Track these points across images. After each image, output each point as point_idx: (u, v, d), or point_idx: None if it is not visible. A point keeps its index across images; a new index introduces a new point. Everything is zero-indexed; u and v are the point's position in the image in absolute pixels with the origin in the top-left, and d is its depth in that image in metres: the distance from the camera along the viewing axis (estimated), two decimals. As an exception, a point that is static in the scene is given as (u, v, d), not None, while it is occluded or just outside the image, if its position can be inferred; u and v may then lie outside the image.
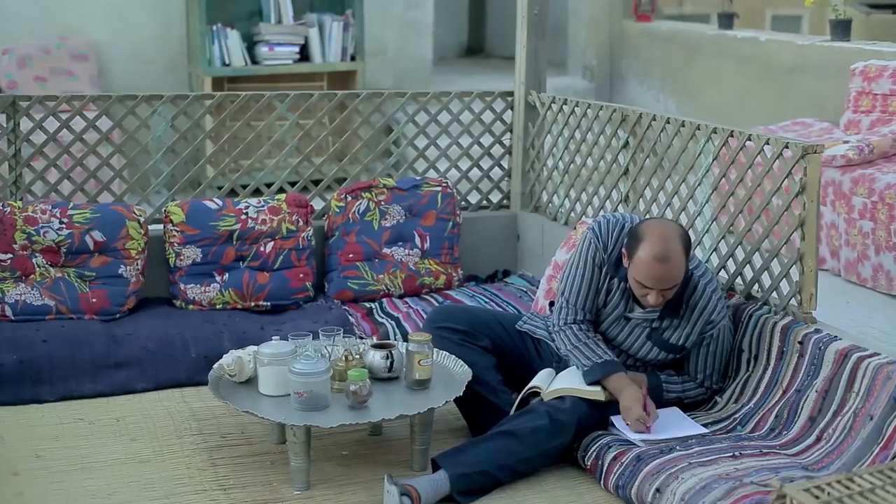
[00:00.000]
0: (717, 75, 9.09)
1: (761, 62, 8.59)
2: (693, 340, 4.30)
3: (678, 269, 4.05)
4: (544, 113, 6.01)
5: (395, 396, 4.20)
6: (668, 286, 4.07)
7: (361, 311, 5.50)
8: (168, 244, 5.45)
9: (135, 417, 4.66)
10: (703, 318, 4.26)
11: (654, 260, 4.01)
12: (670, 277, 4.04)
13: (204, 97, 5.70)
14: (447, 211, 5.87)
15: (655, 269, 4.02)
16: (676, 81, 9.57)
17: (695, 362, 4.38)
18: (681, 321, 4.27)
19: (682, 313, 4.26)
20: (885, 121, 6.95)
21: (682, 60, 9.52)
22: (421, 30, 9.44)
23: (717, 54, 9.13)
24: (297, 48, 8.52)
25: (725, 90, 8.97)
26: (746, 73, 8.74)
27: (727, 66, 8.97)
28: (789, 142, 4.25)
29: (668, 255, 4.01)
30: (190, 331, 5.11)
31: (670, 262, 4.02)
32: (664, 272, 4.03)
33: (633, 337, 4.35)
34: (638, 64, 10.05)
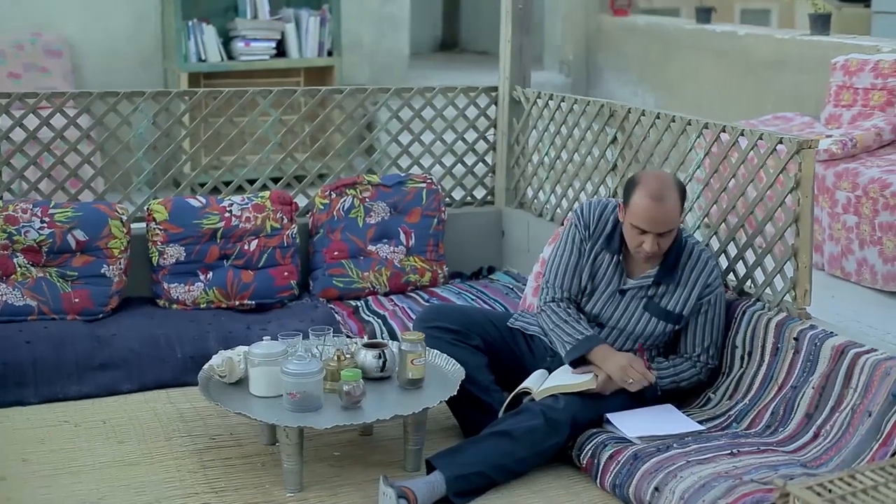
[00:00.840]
0: (695, 70, 9.07)
1: (740, 56, 8.58)
2: (691, 307, 4.27)
3: (673, 211, 4.07)
4: (529, 108, 5.96)
5: (388, 396, 4.15)
6: (663, 229, 4.07)
7: (347, 310, 5.45)
8: (151, 243, 5.38)
9: (121, 419, 4.59)
10: (700, 281, 4.26)
11: (650, 200, 4.04)
12: (666, 219, 4.06)
13: (185, 93, 5.63)
14: (432, 207, 5.82)
15: (651, 209, 4.04)
16: (654, 76, 9.55)
17: (692, 334, 4.33)
18: (677, 286, 4.26)
19: (677, 278, 4.26)
20: (866, 115, 6.94)
21: (659, 55, 9.50)
22: (397, 24, 9.38)
23: (695, 49, 9.11)
24: (274, 43, 8.44)
25: (704, 84, 8.96)
26: (725, 68, 8.73)
27: (705, 61, 8.96)
28: (783, 137, 4.22)
29: (663, 196, 4.05)
30: (175, 331, 5.04)
31: (666, 202, 4.04)
32: (659, 212, 4.04)
33: (630, 311, 4.33)
34: (615, 59, 10.03)
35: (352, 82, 8.72)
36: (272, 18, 8.42)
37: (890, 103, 6.86)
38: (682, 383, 4.37)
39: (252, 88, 5.72)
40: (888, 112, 6.83)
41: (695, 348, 4.36)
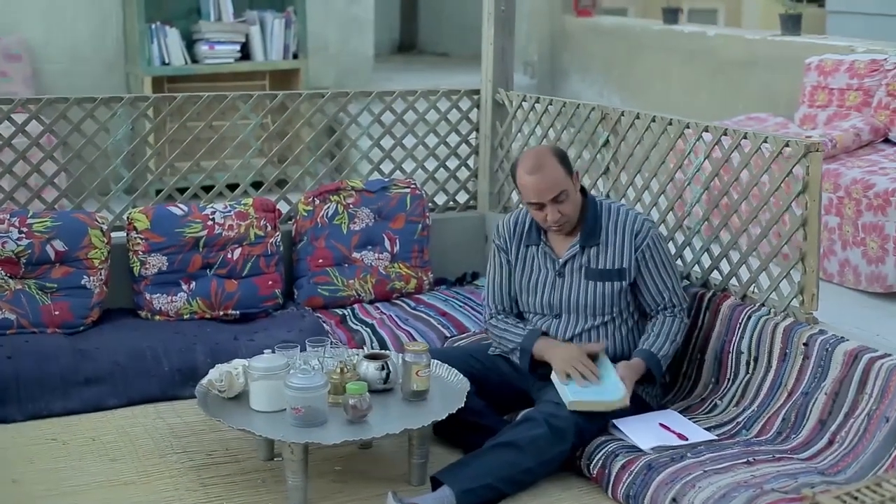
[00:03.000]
0: (662, 70, 9.05)
1: (709, 57, 8.56)
2: (629, 259, 4.27)
3: (555, 175, 4.17)
4: (514, 111, 5.87)
5: (392, 409, 4.05)
6: (551, 195, 4.17)
7: (335, 319, 5.33)
8: (132, 252, 5.23)
9: (110, 436, 4.44)
10: (627, 232, 4.29)
11: (528, 175, 4.19)
12: (550, 185, 4.16)
13: (165, 98, 5.47)
14: (416, 213, 5.72)
15: (533, 181, 4.18)
16: (620, 77, 9.52)
17: (650, 287, 4.30)
18: (606, 245, 4.30)
19: (601, 237, 4.30)
20: (842, 115, 6.95)
21: (625, 55, 9.47)
22: (362, 26, 9.28)
23: (662, 49, 9.09)
24: (238, 46, 8.32)
25: (672, 85, 8.94)
26: (694, 68, 8.71)
27: (673, 61, 8.94)
28: (790, 140, 4.17)
29: (540, 165, 4.18)
30: (160, 343, 4.90)
31: (544, 169, 4.17)
32: (541, 181, 4.16)
33: (575, 287, 4.34)
34: (580, 59, 9.99)
35: (317, 85, 8.60)
36: (236, 21, 8.30)
37: (866, 103, 6.86)
38: (676, 338, 4.30)
39: (232, 93, 5.58)
40: (864, 112, 6.84)
41: (661, 298, 4.32)
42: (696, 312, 4.56)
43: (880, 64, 6.86)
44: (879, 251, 5.79)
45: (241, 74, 8.30)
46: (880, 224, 5.77)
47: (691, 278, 4.73)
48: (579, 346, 4.28)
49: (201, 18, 8.23)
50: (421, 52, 12.35)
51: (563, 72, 10.17)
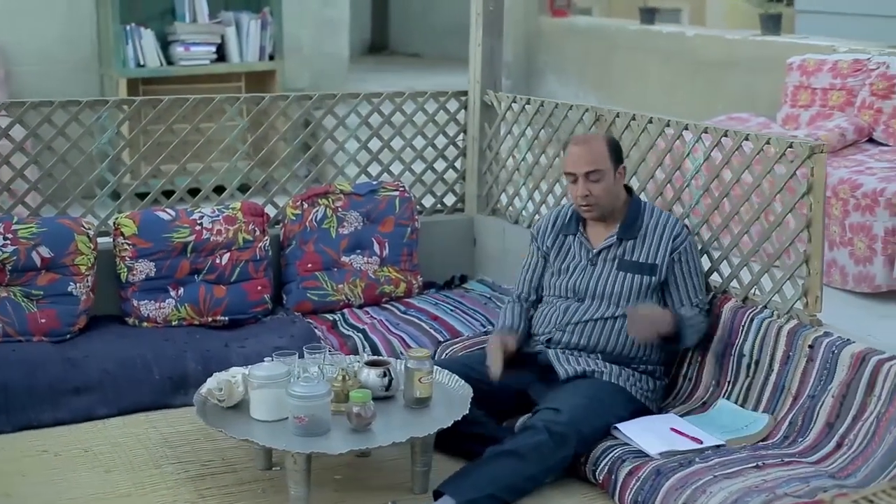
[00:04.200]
0: (639, 71, 9.02)
1: (688, 57, 8.54)
2: (663, 258, 4.34)
3: (596, 153, 4.30)
4: (503, 113, 5.82)
5: (394, 416, 3.99)
6: (587, 168, 4.28)
7: (326, 324, 5.25)
8: (119, 258, 5.14)
9: (103, 447, 4.35)
10: (666, 232, 4.36)
11: (574, 144, 4.38)
12: (588, 158, 4.29)
13: (151, 102, 5.37)
14: (405, 216, 5.65)
15: (574, 151, 4.34)
16: (597, 77, 9.49)
17: (679, 287, 4.38)
18: (643, 240, 4.37)
19: (639, 232, 4.38)
20: (825, 115, 6.93)
21: (602, 56, 9.43)
22: (337, 28, 9.20)
23: (639, 49, 9.06)
24: (214, 48, 8.21)
25: (649, 85, 8.91)
26: (672, 69, 8.69)
27: (651, 62, 8.91)
28: (794, 142, 4.14)
29: (588, 140, 4.38)
30: (150, 351, 4.81)
31: (589, 144, 4.33)
32: (581, 152, 4.31)
33: (605, 275, 4.40)
34: (555, 60, 9.95)
35: (292, 87, 8.51)
36: (212, 22, 8.19)
37: (849, 103, 6.85)
38: (701, 327, 4.38)
39: (219, 96, 5.49)
40: (848, 112, 6.83)
41: (688, 300, 4.37)
42: (697, 315, 4.52)
43: (863, 64, 6.86)
44: (867, 251, 5.77)
45: (216, 76, 8.19)
46: (868, 224, 5.75)
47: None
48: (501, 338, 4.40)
49: (176, 20, 8.11)
50: (392, 53, 12.28)
51: (538, 72, 10.13)
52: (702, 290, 4.41)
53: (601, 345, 4.35)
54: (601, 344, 4.35)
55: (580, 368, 4.30)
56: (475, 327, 5.27)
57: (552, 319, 4.46)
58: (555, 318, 4.44)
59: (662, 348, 4.36)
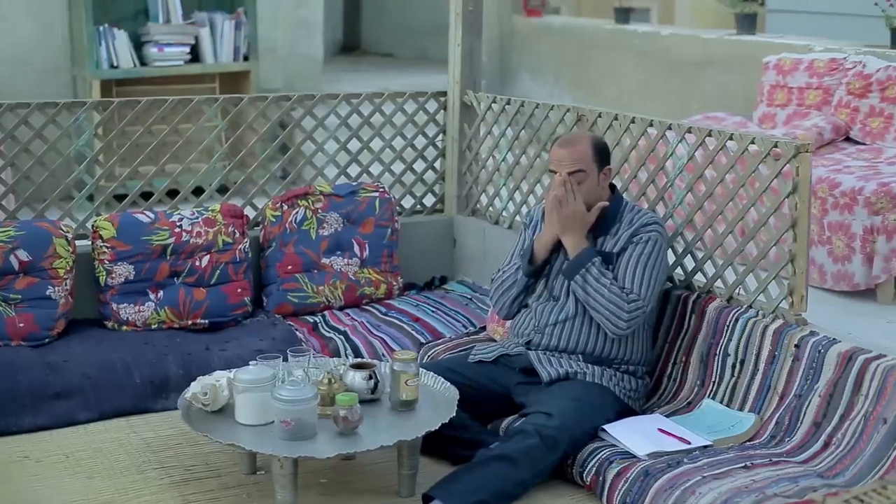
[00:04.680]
0: (615, 70, 9.02)
1: (663, 57, 8.55)
2: (623, 244, 4.31)
3: (581, 153, 4.29)
4: (483, 113, 5.79)
5: (381, 419, 3.96)
6: (569, 167, 4.28)
7: (307, 326, 5.22)
8: (98, 262, 5.08)
9: (84, 452, 4.30)
10: (635, 224, 4.33)
11: (559, 144, 4.37)
12: (571, 158, 4.28)
13: (129, 103, 5.32)
14: (385, 217, 5.62)
15: (558, 151, 4.33)
16: (572, 76, 9.48)
17: (624, 267, 4.27)
18: (616, 235, 4.34)
19: (614, 229, 4.35)
20: (802, 114, 6.96)
21: (577, 55, 9.43)
22: (311, 28, 9.15)
23: (615, 49, 9.06)
24: (188, 48, 8.16)
25: (625, 85, 8.91)
26: (647, 68, 8.69)
27: (626, 61, 8.91)
28: (779, 141, 4.14)
29: (573, 140, 4.37)
30: (130, 354, 4.76)
31: (574, 144, 4.33)
32: (566, 151, 4.30)
33: None
34: (530, 59, 9.94)
35: (266, 87, 8.47)
36: (185, 23, 8.13)
37: (826, 102, 6.88)
38: (605, 303, 4.21)
39: (196, 98, 5.44)
40: (824, 111, 6.85)
41: (625, 284, 4.26)
42: (682, 315, 4.52)
43: (840, 63, 6.88)
44: (846, 250, 5.79)
45: (190, 77, 8.14)
46: (846, 223, 5.77)
47: (674, 280, 4.68)
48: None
49: (149, 20, 8.06)
50: (365, 53, 12.24)
51: (512, 72, 10.12)
52: (646, 284, 4.22)
53: (580, 346, 4.33)
54: (580, 345, 4.33)
55: (562, 371, 4.28)
56: (457, 328, 5.25)
57: (530, 322, 4.44)
58: (533, 322, 4.43)
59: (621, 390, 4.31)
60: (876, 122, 6.51)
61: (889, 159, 6.21)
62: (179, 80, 8.06)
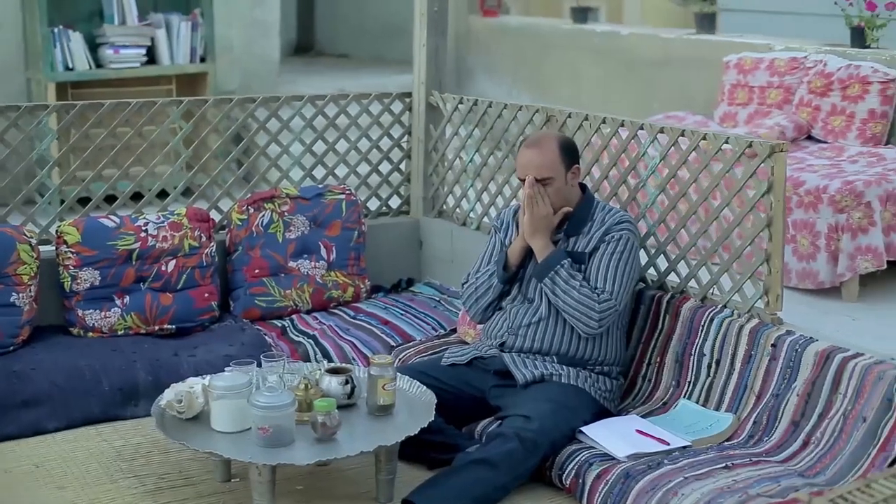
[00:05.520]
0: (573, 70, 9.02)
1: (622, 56, 8.55)
2: (595, 243, 4.29)
3: (547, 158, 4.26)
4: (450, 114, 5.76)
5: (358, 425, 3.92)
6: (536, 173, 4.24)
7: (275, 331, 5.16)
8: (63, 267, 5.00)
9: (54, 462, 4.22)
10: (607, 223, 4.31)
11: (525, 147, 4.33)
12: (538, 163, 4.25)
13: (93, 106, 5.23)
14: (352, 220, 5.58)
15: (524, 154, 4.30)
16: (529, 76, 9.46)
17: (595, 267, 4.26)
18: (587, 234, 4.32)
19: (585, 228, 4.33)
20: (763, 113, 6.99)
21: (534, 55, 9.41)
22: (267, 29, 9.06)
23: (573, 49, 9.05)
24: (144, 50, 8.04)
25: (584, 84, 8.91)
26: (606, 68, 8.69)
27: (584, 61, 8.91)
28: (753, 141, 4.14)
29: (539, 142, 4.32)
30: (98, 361, 4.68)
31: (540, 148, 4.28)
32: (532, 157, 4.26)
33: None
34: (486, 59, 9.91)
35: (223, 89, 8.38)
36: (141, 24, 8.02)
37: (787, 101, 6.91)
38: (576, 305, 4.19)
39: (161, 99, 5.38)
40: (786, 110, 6.88)
41: (596, 283, 4.25)
42: (655, 315, 4.52)
43: (800, 62, 6.92)
44: (810, 248, 5.81)
45: (146, 79, 8.03)
46: (811, 221, 5.79)
47: (647, 280, 4.67)
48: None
49: (105, 22, 7.93)
50: (319, 54, 12.14)
51: (468, 72, 10.09)
52: (615, 286, 4.21)
53: (554, 347, 4.32)
54: (554, 346, 4.32)
55: (538, 373, 4.26)
56: (427, 331, 5.22)
57: (503, 324, 4.42)
58: (507, 323, 4.40)
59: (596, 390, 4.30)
60: (837, 120, 6.55)
61: (851, 157, 6.25)
62: (136, 83, 7.94)
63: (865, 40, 6.78)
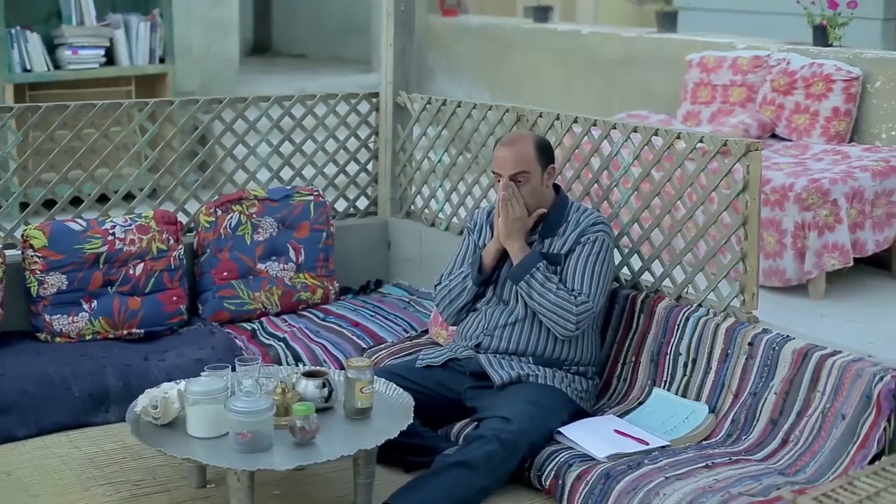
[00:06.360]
0: (534, 69, 9.01)
1: (584, 55, 8.55)
2: (571, 245, 4.29)
3: (522, 154, 4.26)
4: (418, 114, 5.73)
5: (335, 428, 3.88)
6: (511, 171, 4.24)
7: (245, 334, 5.11)
8: (29, 272, 4.93)
9: (26, 470, 4.15)
10: (582, 224, 4.31)
11: (501, 144, 4.36)
12: (513, 159, 4.25)
13: (58, 107, 5.16)
14: (320, 221, 5.54)
15: (500, 151, 4.31)
16: (490, 76, 9.45)
17: (572, 268, 4.26)
18: (563, 236, 4.32)
19: (561, 230, 4.33)
20: (726, 112, 7.00)
21: (495, 55, 9.40)
22: (226, 29, 9.00)
23: (534, 48, 9.04)
24: (103, 51, 7.95)
25: (545, 84, 8.91)
26: (568, 67, 8.69)
27: (545, 60, 8.90)
28: (729, 140, 4.15)
29: (515, 141, 4.33)
30: (68, 367, 4.61)
31: (516, 145, 4.29)
32: (508, 153, 4.27)
33: None
34: (446, 59, 9.89)
35: (183, 90, 8.31)
36: (100, 24, 7.93)
37: (750, 99, 6.93)
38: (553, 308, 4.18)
39: (126, 101, 5.32)
40: (749, 108, 6.91)
41: (573, 284, 4.24)
42: (630, 314, 4.51)
43: (763, 60, 6.94)
44: (777, 246, 5.83)
45: (105, 80, 7.94)
46: (777, 219, 5.81)
47: (620, 280, 4.67)
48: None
49: (63, 22, 7.83)
50: (276, 54, 12.07)
51: (428, 71, 10.06)
52: (592, 287, 4.21)
53: (530, 348, 4.31)
54: (530, 347, 4.31)
55: (514, 373, 4.25)
56: (398, 332, 5.19)
57: (479, 325, 4.40)
58: (482, 324, 4.39)
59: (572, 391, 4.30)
60: (801, 118, 6.58)
61: (816, 155, 6.28)
62: (94, 84, 7.85)
63: (828, 39, 6.81)
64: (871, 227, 5.84)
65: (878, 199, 5.83)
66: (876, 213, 5.84)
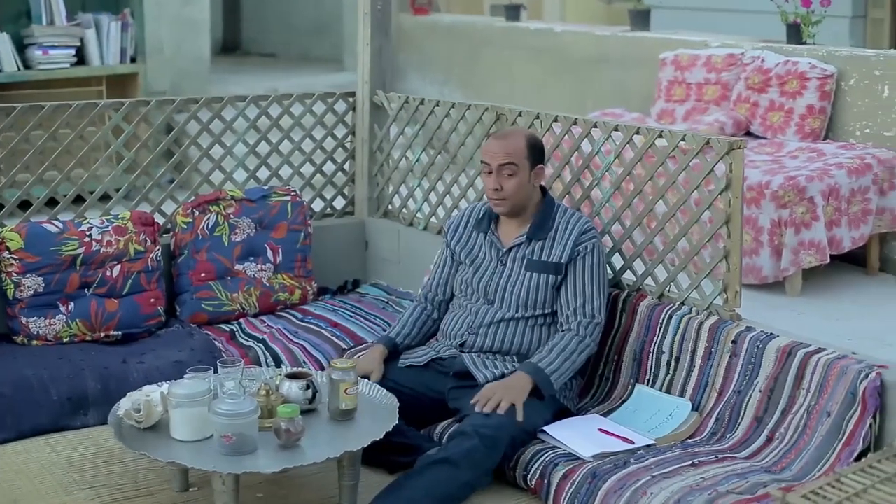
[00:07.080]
0: (507, 68, 9.01)
1: (557, 54, 8.55)
2: (569, 255, 4.28)
3: (513, 147, 4.26)
4: (395, 114, 5.71)
5: (320, 430, 3.85)
6: (500, 161, 4.25)
7: (224, 335, 5.07)
8: (5, 274, 4.87)
9: (6, 474, 4.10)
10: (575, 230, 4.31)
11: (494, 136, 4.41)
12: (504, 151, 4.26)
13: (33, 108, 5.10)
14: (298, 221, 5.51)
15: (491, 142, 4.34)
16: (462, 75, 9.45)
17: (572, 286, 4.27)
18: (553, 240, 4.32)
19: (549, 233, 4.33)
20: (700, 109, 7.03)
21: (467, 53, 9.40)
22: (198, 28, 8.97)
23: (506, 47, 9.05)
24: (73, 51, 7.91)
25: (517, 82, 8.91)
26: (541, 65, 8.70)
27: (518, 59, 8.91)
28: (711, 138, 4.15)
29: (507, 135, 4.36)
30: (46, 370, 4.56)
31: (507, 139, 4.31)
32: (498, 144, 4.28)
33: (514, 276, 4.35)
34: (418, 58, 9.88)
35: (154, 89, 8.28)
36: (70, 24, 7.89)
37: (724, 97, 6.96)
38: (572, 356, 4.18)
39: (102, 101, 5.27)
40: (723, 106, 6.93)
41: (575, 303, 4.25)
42: (612, 313, 4.50)
43: (737, 58, 6.97)
44: (753, 243, 5.86)
45: (76, 80, 7.90)
46: (754, 217, 5.84)
47: (602, 279, 4.66)
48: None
49: (32, 22, 7.79)
50: (246, 54, 12.03)
51: (399, 71, 10.03)
52: (594, 298, 4.26)
53: (515, 346, 4.30)
54: (515, 346, 4.30)
55: (498, 372, 4.24)
56: (377, 332, 5.16)
57: (464, 322, 4.39)
58: (467, 322, 4.38)
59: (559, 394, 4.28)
60: (776, 116, 6.61)
61: (791, 153, 6.31)
62: (65, 84, 7.82)
63: (802, 37, 6.85)
64: (848, 224, 5.87)
65: (853, 197, 5.87)
66: (852, 210, 5.87)
